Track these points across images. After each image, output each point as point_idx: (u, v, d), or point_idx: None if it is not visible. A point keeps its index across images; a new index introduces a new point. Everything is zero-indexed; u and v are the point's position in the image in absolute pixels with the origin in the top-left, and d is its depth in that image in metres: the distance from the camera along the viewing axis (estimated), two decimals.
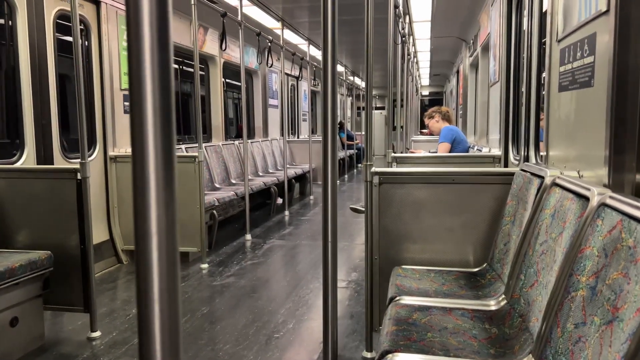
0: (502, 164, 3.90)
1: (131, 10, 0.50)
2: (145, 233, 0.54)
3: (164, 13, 0.50)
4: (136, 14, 0.50)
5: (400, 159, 4.27)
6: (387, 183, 2.77)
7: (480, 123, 6.48)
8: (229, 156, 7.17)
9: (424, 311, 2.07)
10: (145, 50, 0.50)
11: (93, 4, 4.64)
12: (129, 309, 3.64)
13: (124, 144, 4.97)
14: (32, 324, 2.98)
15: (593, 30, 1.82)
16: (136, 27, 0.50)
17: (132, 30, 0.50)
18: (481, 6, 5.89)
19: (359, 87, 16.90)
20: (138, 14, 0.50)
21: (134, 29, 0.50)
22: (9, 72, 4.23)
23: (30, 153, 3.98)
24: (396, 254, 2.78)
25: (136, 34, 0.50)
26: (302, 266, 4.89)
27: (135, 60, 0.51)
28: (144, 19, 0.50)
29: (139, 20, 0.50)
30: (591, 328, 1.27)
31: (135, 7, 0.50)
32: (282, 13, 7.10)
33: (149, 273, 0.55)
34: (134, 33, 0.50)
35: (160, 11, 0.50)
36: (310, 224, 6.92)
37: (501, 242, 2.46)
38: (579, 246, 1.48)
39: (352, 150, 14.48)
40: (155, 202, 0.53)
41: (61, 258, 3.09)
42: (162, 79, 0.51)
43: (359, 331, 3.21)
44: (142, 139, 0.51)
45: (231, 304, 3.76)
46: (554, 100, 2.36)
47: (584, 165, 1.97)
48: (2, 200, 3.21)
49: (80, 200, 3.10)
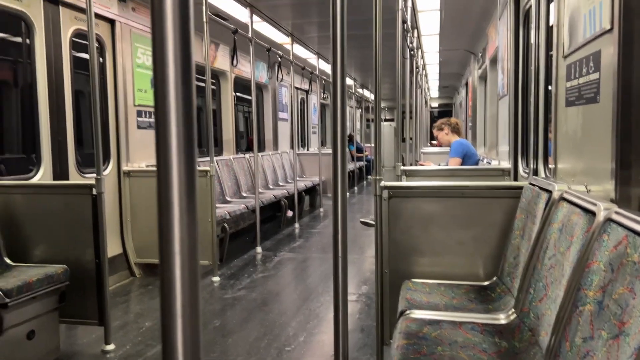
0: (512, 177, 3.92)
1: (157, 32, 0.54)
2: (168, 247, 0.58)
3: (186, 36, 0.55)
4: (161, 36, 0.54)
5: (410, 172, 4.30)
6: (396, 197, 2.80)
7: (490, 135, 6.49)
8: (240, 169, 7.24)
9: (434, 325, 2.09)
10: (169, 71, 0.55)
11: (108, 23, 4.75)
12: (142, 322, 3.69)
13: (137, 159, 5.05)
14: (49, 337, 3.03)
15: (598, 47, 1.86)
16: (161, 48, 0.54)
17: (157, 51, 0.54)
18: (489, 20, 5.94)
19: (368, 99, 16.98)
20: (163, 35, 0.54)
21: (159, 51, 0.54)
22: (26, 89, 4.35)
23: (46, 168, 4.06)
24: (406, 268, 2.81)
25: (161, 55, 0.54)
26: (312, 279, 4.91)
27: (160, 81, 0.55)
28: (169, 41, 0.54)
29: (164, 42, 0.54)
30: (599, 342, 1.28)
31: (160, 30, 0.54)
32: (291, 29, 7.20)
33: (172, 282, 0.58)
34: (159, 54, 0.54)
35: (183, 33, 0.54)
36: (320, 236, 6.95)
37: (511, 255, 2.47)
38: (586, 261, 1.50)
39: (362, 162, 14.52)
40: (178, 216, 0.57)
41: (76, 272, 3.15)
42: (185, 98, 0.55)
43: (369, 345, 3.23)
44: (166, 156, 0.56)
45: (242, 317, 3.80)
46: (561, 114, 2.39)
47: (591, 180, 1.99)
48: (20, 216, 3.29)
49: (96, 215, 3.16)
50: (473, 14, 6.15)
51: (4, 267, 3.08)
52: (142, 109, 5.14)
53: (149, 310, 3.94)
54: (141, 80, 5.12)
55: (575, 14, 2.15)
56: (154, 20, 0.53)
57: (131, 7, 4.98)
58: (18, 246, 3.25)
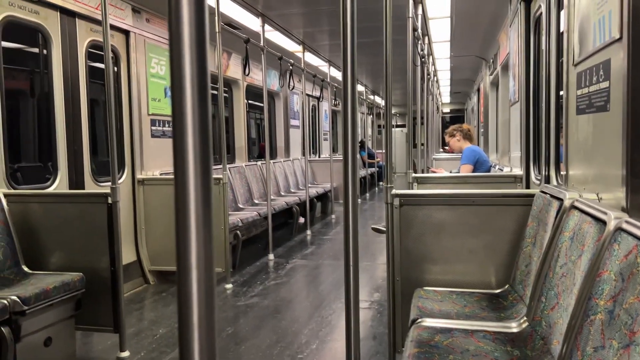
0: (524, 184, 3.90)
1: (174, 44, 0.57)
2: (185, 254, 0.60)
3: (202, 47, 0.58)
4: (178, 48, 0.57)
5: (421, 179, 4.31)
6: (407, 205, 2.82)
7: (502, 141, 6.47)
8: (252, 176, 7.29)
9: (446, 333, 2.09)
10: (186, 82, 0.57)
11: (122, 34, 4.84)
12: (156, 329, 3.73)
13: (151, 167, 5.12)
14: (65, 344, 3.08)
15: (607, 56, 1.86)
16: (178, 59, 0.57)
17: (175, 63, 0.57)
18: (500, 26, 5.93)
19: (379, 105, 16.99)
20: (180, 47, 0.57)
21: (176, 61, 0.57)
22: (43, 99, 4.44)
23: (63, 177, 4.14)
24: (418, 276, 2.81)
25: (178, 66, 0.57)
26: (324, 286, 4.92)
27: (177, 90, 0.57)
28: (185, 53, 0.57)
29: (181, 53, 0.57)
30: (610, 352, 1.29)
31: (178, 41, 0.57)
32: (303, 37, 7.26)
33: (189, 286, 0.60)
34: (176, 66, 0.57)
35: (199, 45, 0.58)
36: (332, 243, 6.96)
37: (522, 263, 2.47)
38: (597, 270, 1.50)
39: (373, 169, 14.52)
40: (194, 223, 0.59)
41: (92, 279, 3.20)
42: (201, 108, 0.58)
43: (382, 352, 3.23)
44: (184, 165, 0.58)
45: (255, 324, 3.82)
46: (572, 122, 2.39)
47: (602, 188, 1.99)
48: (37, 224, 3.35)
49: (111, 223, 3.21)
50: (484, 21, 6.15)
51: (22, 275, 3.14)
52: (156, 118, 5.21)
53: (163, 318, 3.98)
54: (155, 89, 5.20)
55: (585, 22, 2.16)
56: (172, 33, 0.56)
57: (145, 18, 5.07)
58: (35, 254, 3.31)
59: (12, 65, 4.19)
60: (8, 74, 3.73)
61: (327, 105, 12.22)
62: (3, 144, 3.56)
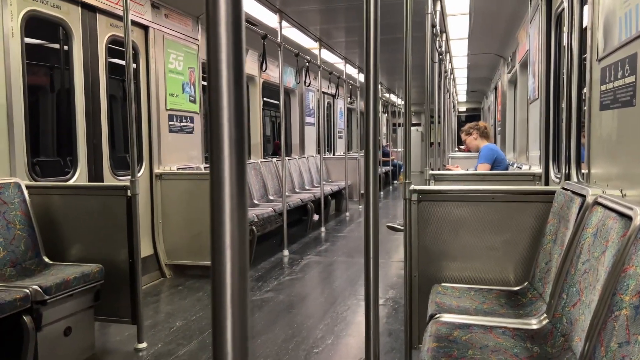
0: (543, 182, 3.86)
1: (211, 47, 0.58)
2: (220, 245, 0.61)
3: (238, 50, 0.59)
4: (215, 52, 0.58)
5: (438, 177, 4.28)
6: (426, 201, 2.80)
7: (520, 140, 6.41)
8: (267, 173, 7.31)
9: (465, 329, 2.08)
10: (222, 80, 0.59)
11: (142, 29, 4.88)
12: (173, 321, 3.76)
13: (168, 161, 5.16)
14: (84, 334, 3.12)
15: (634, 50, 1.83)
16: (215, 62, 0.58)
17: (212, 64, 0.58)
18: (519, 23, 5.87)
19: (395, 104, 16.93)
20: (217, 51, 0.58)
21: (213, 64, 0.58)
22: (63, 94, 4.50)
23: (82, 170, 4.19)
24: (435, 272, 2.80)
25: (215, 67, 0.58)
26: (339, 283, 4.92)
27: (214, 89, 0.59)
28: (222, 52, 0.58)
29: (218, 56, 0.58)
30: (635, 347, 1.27)
31: (215, 46, 0.58)
32: (319, 34, 7.26)
33: (223, 282, 0.62)
34: (213, 67, 0.58)
35: (236, 48, 0.59)
36: (346, 240, 6.96)
37: (542, 260, 2.44)
38: (622, 265, 1.48)
39: (388, 167, 14.47)
40: (229, 216, 0.60)
41: (111, 271, 3.24)
42: (237, 101, 0.59)
43: (397, 349, 3.22)
44: (219, 156, 0.59)
45: (270, 319, 3.83)
46: (595, 118, 2.35)
47: (627, 184, 1.96)
48: (58, 216, 3.40)
49: (130, 216, 3.25)
50: (503, 18, 6.09)
51: (43, 265, 3.19)
52: (173, 113, 5.25)
53: (179, 310, 4.02)
54: (173, 85, 5.24)
55: (610, 17, 2.13)
56: (209, 35, 0.57)
57: (164, 13, 5.11)
58: (56, 245, 3.36)
59: (34, 61, 4.25)
60: (29, 70, 3.78)
61: (342, 102, 12.20)
62: (25, 137, 3.61)
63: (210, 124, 0.60)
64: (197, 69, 5.66)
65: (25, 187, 3.29)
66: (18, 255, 3.10)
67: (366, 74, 1.56)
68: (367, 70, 1.55)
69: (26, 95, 3.64)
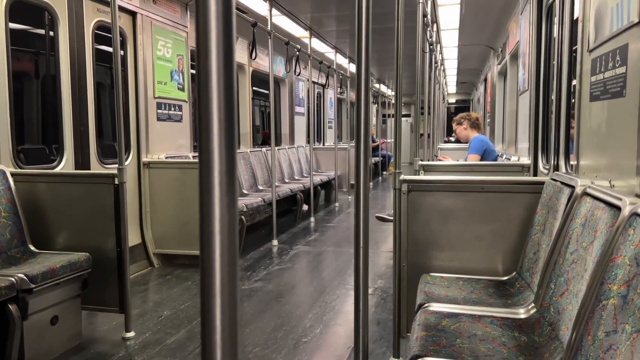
0: (531, 172, 3.89)
1: (201, 34, 0.56)
2: (209, 234, 0.59)
3: (228, 38, 0.57)
4: (205, 39, 0.56)
5: (428, 167, 4.29)
6: (415, 191, 2.80)
7: (509, 131, 6.44)
8: (257, 163, 7.28)
9: (453, 318, 2.09)
10: (212, 67, 0.57)
11: (129, 15, 4.80)
12: (161, 310, 3.74)
13: (157, 150, 5.11)
14: (71, 323, 3.10)
15: (625, 41, 1.84)
16: (205, 49, 0.57)
17: (202, 52, 0.56)
18: (510, 14, 5.87)
19: (385, 94, 16.91)
20: (207, 38, 0.56)
21: (203, 51, 0.57)
22: (48, 80, 4.42)
23: (69, 158, 4.13)
24: (424, 262, 2.81)
25: (205, 55, 0.57)
26: (327, 272, 4.93)
27: (204, 77, 0.57)
28: (212, 40, 0.56)
29: (208, 44, 0.57)
30: (622, 336, 1.28)
31: (205, 33, 0.56)
32: (310, 22, 7.20)
33: (212, 268, 0.60)
34: (202, 54, 0.57)
35: (226, 36, 0.57)
36: (335, 230, 6.97)
37: (530, 250, 2.46)
38: (610, 255, 1.49)
39: (377, 158, 14.49)
40: (218, 205, 0.59)
41: (98, 260, 3.21)
42: (227, 91, 0.57)
43: (385, 338, 3.24)
44: (209, 144, 0.58)
45: (259, 308, 3.83)
46: (585, 109, 2.36)
47: (615, 175, 1.97)
48: (44, 204, 3.36)
49: (117, 204, 3.21)
50: (494, 9, 6.09)
51: (29, 254, 3.15)
52: (162, 101, 5.19)
53: (167, 300, 4.00)
54: (161, 72, 5.17)
55: (601, 7, 2.13)
56: (199, 22, 0.56)
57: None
58: (42, 234, 3.32)
59: (19, 46, 4.17)
60: (14, 56, 3.70)
61: (332, 92, 12.16)
62: (10, 124, 3.55)
63: (199, 113, 0.59)
64: (186, 57, 5.59)
65: (10, 174, 3.24)
66: (3, 243, 3.05)
67: (357, 62, 1.54)
68: (359, 58, 1.53)
69: (11, 81, 3.57)
